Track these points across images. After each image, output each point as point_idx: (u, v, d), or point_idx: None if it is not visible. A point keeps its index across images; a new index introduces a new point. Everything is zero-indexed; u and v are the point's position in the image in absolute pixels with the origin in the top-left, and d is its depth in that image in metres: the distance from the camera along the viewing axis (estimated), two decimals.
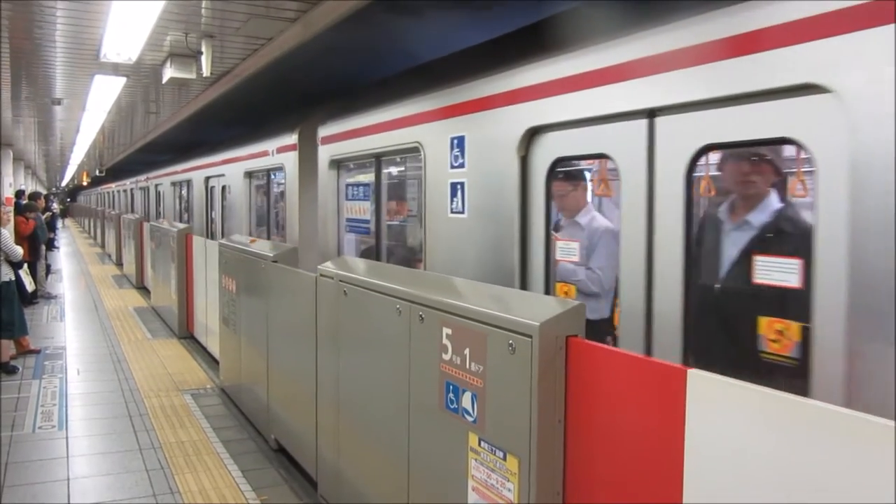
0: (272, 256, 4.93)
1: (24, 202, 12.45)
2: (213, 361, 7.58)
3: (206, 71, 5.97)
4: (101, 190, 28.88)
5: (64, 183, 42.69)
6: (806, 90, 2.11)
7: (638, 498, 1.97)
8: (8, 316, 7.35)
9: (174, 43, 5.97)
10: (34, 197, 13.84)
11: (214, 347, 7.37)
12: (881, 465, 1.38)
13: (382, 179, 5.08)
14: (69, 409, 5.99)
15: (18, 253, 8.03)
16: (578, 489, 2.21)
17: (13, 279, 7.70)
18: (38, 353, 8.00)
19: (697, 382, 1.78)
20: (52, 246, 18.50)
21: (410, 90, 4.42)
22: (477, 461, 2.51)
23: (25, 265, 8.84)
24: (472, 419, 2.53)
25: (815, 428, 1.52)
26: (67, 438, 5.26)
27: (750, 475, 1.64)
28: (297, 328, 4.47)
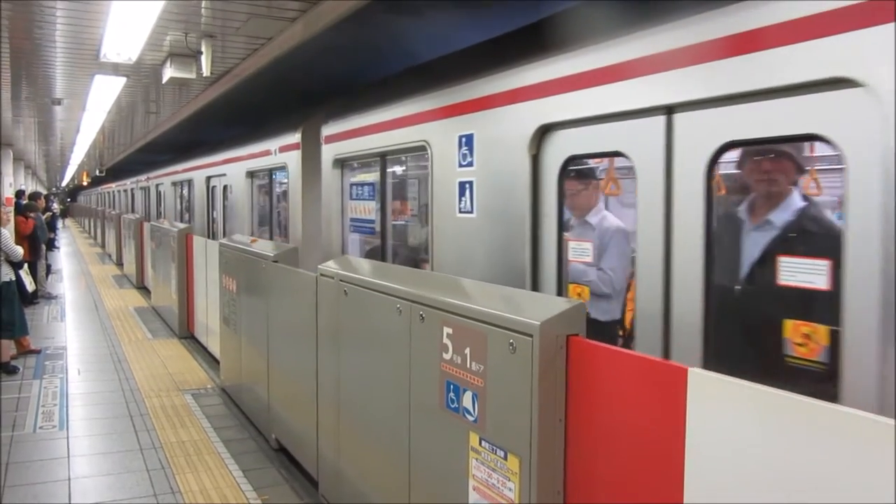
0: (272, 256, 4.93)
1: (24, 202, 12.45)
2: (213, 361, 7.58)
3: (206, 71, 5.97)
4: (101, 190, 28.86)
5: (64, 183, 42.71)
6: (836, 84, 2.03)
7: (638, 497, 1.98)
8: (8, 316, 7.35)
9: (174, 43, 5.97)
10: (34, 197, 13.83)
11: (215, 347, 7.36)
12: (882, 463, 1.38)
13: (388, 179, 5.01)
14: (70, 409, 5.99)
15: (19, 253, 8.04)
16: (579, 488, 2.22)
17: (13, 279, 7.70)
18: (38, 353, 8.00)
19: (698, 381, 1.78)
20: (52, 246, 18.49)
21: (417, 88, 4.36)
22: (478, 461, 2.51)
23: (26, 265, 8.84)
24: (472, 419, 2.53)
25: (815, 427, 1.52)
26: (68, 438, 5.26)
27: (751, 474, 1.64)
28: (297, 328, 4.47)
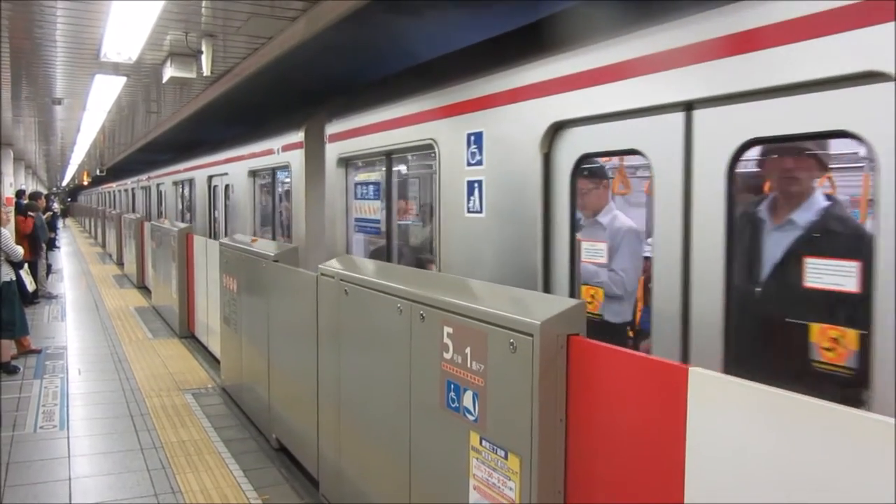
0: (273, 256, 4.93)
1: (24, 202, 12.45)
2: (214, 361, 7.58)
3: (206, 70, 5.97)
4: (101, 189, 28.85)
5: (64, 183, 42.70)
6: (867, 79, 1.97)
7: (639, 496, 1.97)
8: (9, 316, 7.36)
9: (174, 42, 5.97)
10: (35, 197, 13.83)
11: (215, 347, 7.36)
12: (882, 462, 1.38)
13: (393, 178, 4.94)
14: (70, 408, 5.99)
15: (19, 253, 8.04)
16: (580, 488, 2.21)
17: (14, 279, 7.70)
18: (38, 352, 8.00)
19: (699, 381, 1.78)
20: (53, 246, 18.50)
21: (424, 85, 4.29)
22: (478, 460, 2.51)
23: (26, 265, 8.85)
24: (473, 418, 2.53)
25: (816, 426, 1.51)
26: (69, 438, 5.26)
27: (751, 473, 1.64)
28: (298, 327, 4.46)
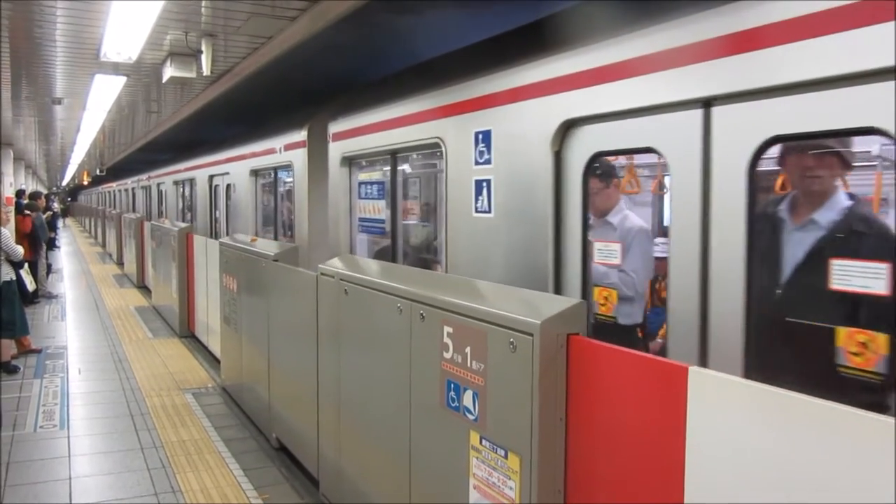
0: (273, 255, 4.93)
1: (24, 202, 12.46)
2: (214, 360, 7.59)
3: (206, 70, 5.97)
4: (101, 189, 28.83)
5: (64, 182, 42.70)
6: None
7: (639, 496, 1.97)
8: (9, 315, 7.36)
9: (174, 42, 5.97)
10: (34, 196, 13.83)
11: (215, 346, 7.36)
12: (882, 462, 1.38)
13: (399, 177, 4.87)
14: (70, 408, 5.99)
15: (19, 252, 8.04)
16: (580, 487, 2.22)
17: (14, 279, 7.70)
18: (39, 352, 8.01)
19: (698, 380, 1.78)
20: (53, 245, 18.51)
21: (431, 83, 4.21)
22: (478, 459, 2.51)
23: (26, 264, 8.85)
24: (473, 417, 2.53)
25: (816, 425, 1.52)
26: (69, 438, 5.26)
27: (751, 473, 1.64)
28: (298, 327, 4.47)
